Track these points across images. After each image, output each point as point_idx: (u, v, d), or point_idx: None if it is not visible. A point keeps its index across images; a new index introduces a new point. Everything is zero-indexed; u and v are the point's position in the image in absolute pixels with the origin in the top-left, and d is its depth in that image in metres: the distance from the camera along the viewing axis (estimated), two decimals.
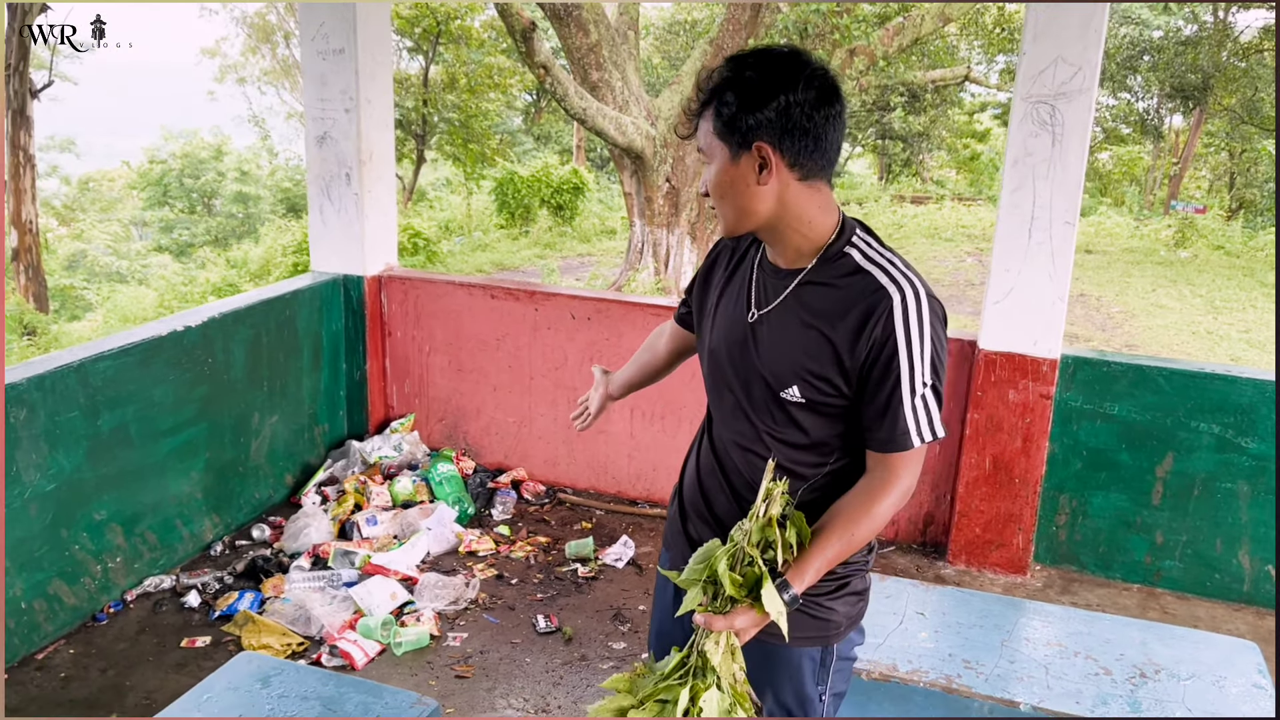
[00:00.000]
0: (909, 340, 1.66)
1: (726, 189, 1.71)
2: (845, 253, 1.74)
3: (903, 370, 1.67)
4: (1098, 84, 3.69)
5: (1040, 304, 3.89)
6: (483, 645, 3.64)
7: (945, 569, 4.25)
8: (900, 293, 1.67)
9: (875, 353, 1.67)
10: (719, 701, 1.64)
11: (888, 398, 1.68)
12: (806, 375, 1.72)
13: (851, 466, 1.81)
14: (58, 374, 3.52)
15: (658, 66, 22.78)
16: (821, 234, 1.75)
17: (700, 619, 1.65)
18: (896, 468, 1.74)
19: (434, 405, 5.06)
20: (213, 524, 4.27)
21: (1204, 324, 12.02)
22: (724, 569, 1.65)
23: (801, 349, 1.73)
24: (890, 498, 1.74)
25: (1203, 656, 2.71)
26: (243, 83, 26.33)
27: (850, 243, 1.75)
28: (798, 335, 1.74)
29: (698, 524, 1.95)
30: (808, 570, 1.69)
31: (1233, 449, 3.93)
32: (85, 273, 19.65)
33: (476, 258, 16.27)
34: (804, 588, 1.69)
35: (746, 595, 1.65)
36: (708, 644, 1.66)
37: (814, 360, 1.72)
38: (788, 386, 1.74)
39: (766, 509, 1.67)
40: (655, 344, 2.33)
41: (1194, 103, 20.77)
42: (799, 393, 1.73)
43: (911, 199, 22.73)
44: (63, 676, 3.38)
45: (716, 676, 1.66)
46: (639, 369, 2.36)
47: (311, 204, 4.87)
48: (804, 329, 1.73)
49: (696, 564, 1.71)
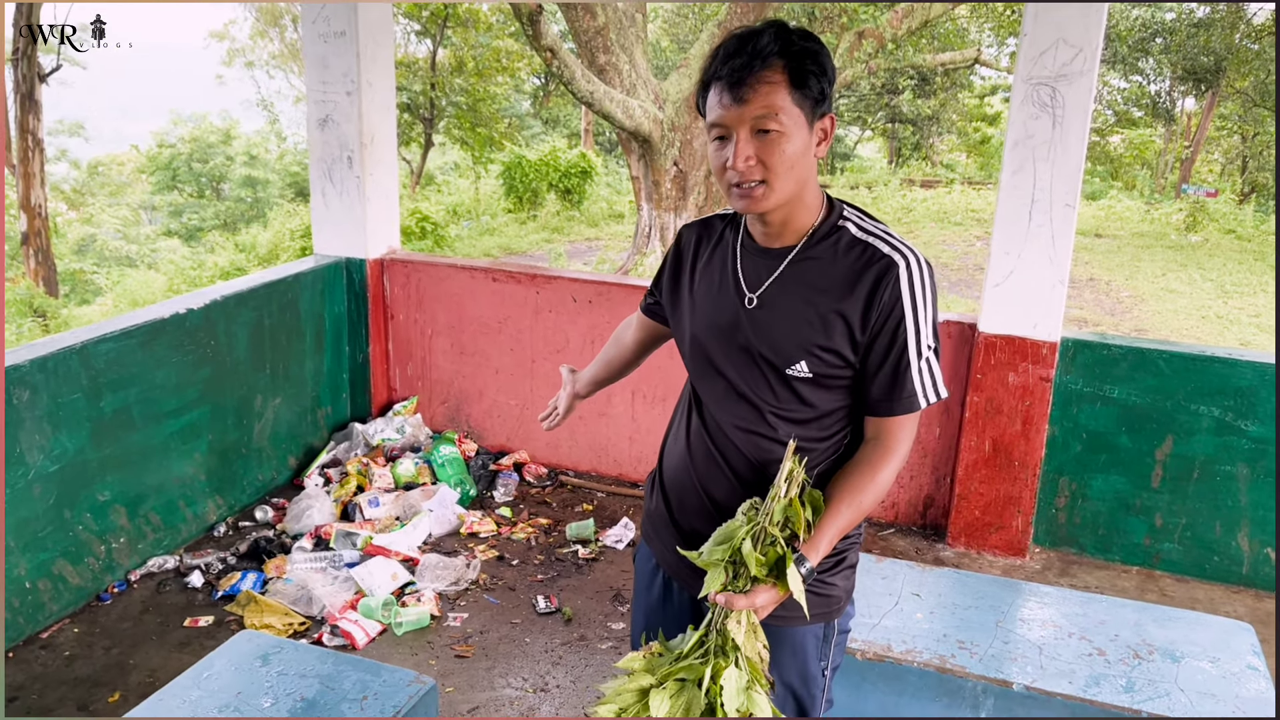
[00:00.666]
0: (915, 306, 1.70)
1: (799, 159, 1.66)
2: (840, 226, 1.77)
3: (909, 335, 1.71)
4: (1098, 66, 3.67)
5: (1040, 287, 3.88)
6: (483, 625, 3.67)
7: (944, 551, 4.26)
8: (905, 260, 1.71)
9: (883, 320, 1.70)
10: (737, 679, 1.66)
11: (896, 362, 1.72)
12: (815, 350, 1.73)
13: (854, 437, 1.84)
14: (60, 356, 3.55)
15: (666, 49, 22.71)
16: (816, 209, 1.78)
17: (721, 599, 1.65)
18: (897, 432, 1.77)
19: (436, 388, 5.09)
20: (216, 505, 4.31)
21: (1214, 308, 11.97)
22: (749, 549, 1.66)
23: (808, 324, 1.74)
24: (893, 463, 1.77)
25: (1197, 638, 2.71)
26: (251, 66, 26.37)
27: (843, 217, 1.78)
28: (802, 311, 1.74)
29: (689, 514, 1.93)
30: (821, 543, 1.71)
31: (1232, 432, 3.92)
32: (95, 257, 19.74)
33: (484, 242, 16.28)
34: (818, 561, 1.71)
35: (768, 574, 1.68)
36: (730, 623, 1.68)
37: (823, 334, 1.73)
38: (795, 363, 1.74)
39: (788, 489, 1.69)
40: (622, 337, 2.28)
41: (1206, 86, 20.63)
42: (807, 368, 1.74)
43: (921, 183, 22.64)
44: (67, 655, 3.42)
45: (737, 654, 1.68)
46: (606, 365, 2.33)
47: (314, 187, 4.88)
48: (808, 304, 1.74)
49: (717, 545, 1.72)
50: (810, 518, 1.72)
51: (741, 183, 1.67)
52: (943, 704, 2.58)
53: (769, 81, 1.62)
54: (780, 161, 1.65)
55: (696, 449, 1.91)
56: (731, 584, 1.68)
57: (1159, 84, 22.74)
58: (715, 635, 1.70)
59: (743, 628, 1.69)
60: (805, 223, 1.77)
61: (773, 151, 1.64)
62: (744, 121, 1.64)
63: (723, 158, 1.68)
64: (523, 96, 25.62)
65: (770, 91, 1.62)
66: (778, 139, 1.64)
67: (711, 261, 1.88)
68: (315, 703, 2.37)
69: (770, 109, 1.62)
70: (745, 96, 1.62)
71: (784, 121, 1.63)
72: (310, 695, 2.40)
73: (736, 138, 1.64)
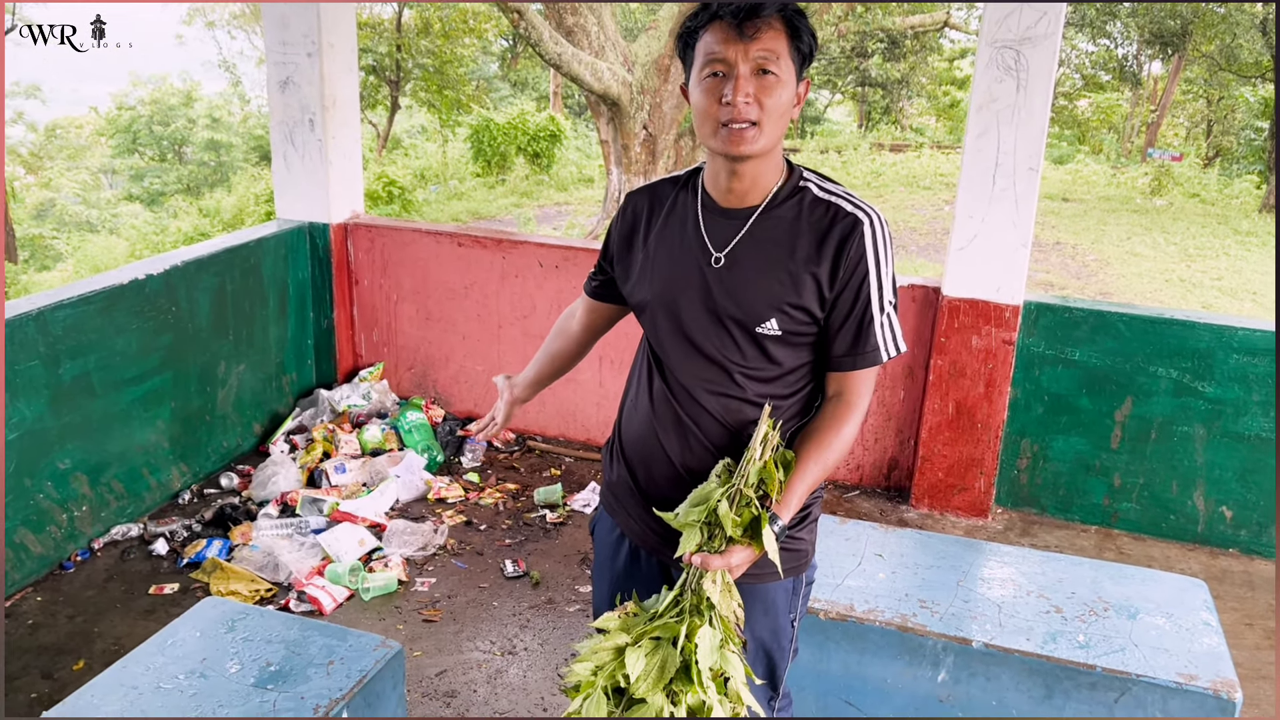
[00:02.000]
0: (878, 262, 1.75)
1: (785, 108, 1.71)
2: (803, 187, 1.80)
3: (873, 291, 1.76)
4: (1063, 29, 3.68)
5: (1003, 250, 3.91)
6: (450, 590, 3.68)
7: (908, 513, 4.31)
8: (868, 218, 1.75)
9: (848, 276, 1.74)
10: (711, 638, 1.69)
11: (860, 317, 1.77)
12: (785, 307, 1.75)
13: (813, 393, 1.88)
14: (16, 322, 3.49)
15: (635, 11, 22.46)
16: (780, 169, 1.80)
17: (697, 559, 1.68)
18: (859, 387, 1.82)
19: (403, 354, 5.06)
20: (180, 473, 4.28)
21: (1178, 272, 12.12)
22: (725, 511, 1.69)
23: (777, 282, 1.75)
24: (855, 418, 1.81)
25: (1151, 594, 2.77)
26: (212, 26, 25.83)
27: (803, 178, 1.81)
28: (769, 269, 1.76)
29: (656, 480, 1.92)
30: (792, 500, 1.74)
31: (1190, 393, 3.99)
32: (54, 222, 19.38)
33: (452, 206, 16.14)
34: (789, 518, 1.74)
35: (742, 535, 1.71)
36: (705, 583, 1.71)
37: (793, 291, 1.75)
38: (764, 321, 1.76)
39: (763, 451, 1.72)
40: (566, 328, 2.24)
41: (1173, 49, 20.72)
42: (776, 325, 1.76)
43: (890, 147, 22.66)
44: (30, 624, 3.40)
45: (711, 613, 1.71)
46: (550, 360, 2.28)
47: (275, 150, 4.81)
48: (776, 263, 1.76)
49: (693, 507, 1.74)
50: (783, 478, 1.75)
51: (734, 121, 1.68)
52: (904, 662, 2.62)
53: (773, 27, 1.67)
54: (775, 105, 1.69)
55: (662, 415, 1.89)
56: (707, 544, 1.71)
57: (1126, 48, 22.83)
58: (690, 595, 1.73)
59: (718, 587, 1.72)
60: (770, 182, 1.79)
61: (770, 93, 1.68)
62: (748, 58, 1.67)
63: (718, 93, 1.69)
64: (490, 59, 25.32)
65: (774, 36, 1.67)
66: (775, 83, 1.68)
67: (669, 224, 1.87)
68: (281, 668, 2.37)
69: (774, 51, 1.67)
70: (752, 34, 1.66)
71: (782, 67, 1.68)
72: (276, 661, 2.40)
73: (737, 74, 1.66)
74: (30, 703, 3.02)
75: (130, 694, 2.28)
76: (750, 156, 1.72)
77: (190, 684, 2.31)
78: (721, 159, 1.76)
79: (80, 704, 2.25)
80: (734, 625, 1.74)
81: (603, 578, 2.11)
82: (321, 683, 2.33)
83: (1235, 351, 3.91)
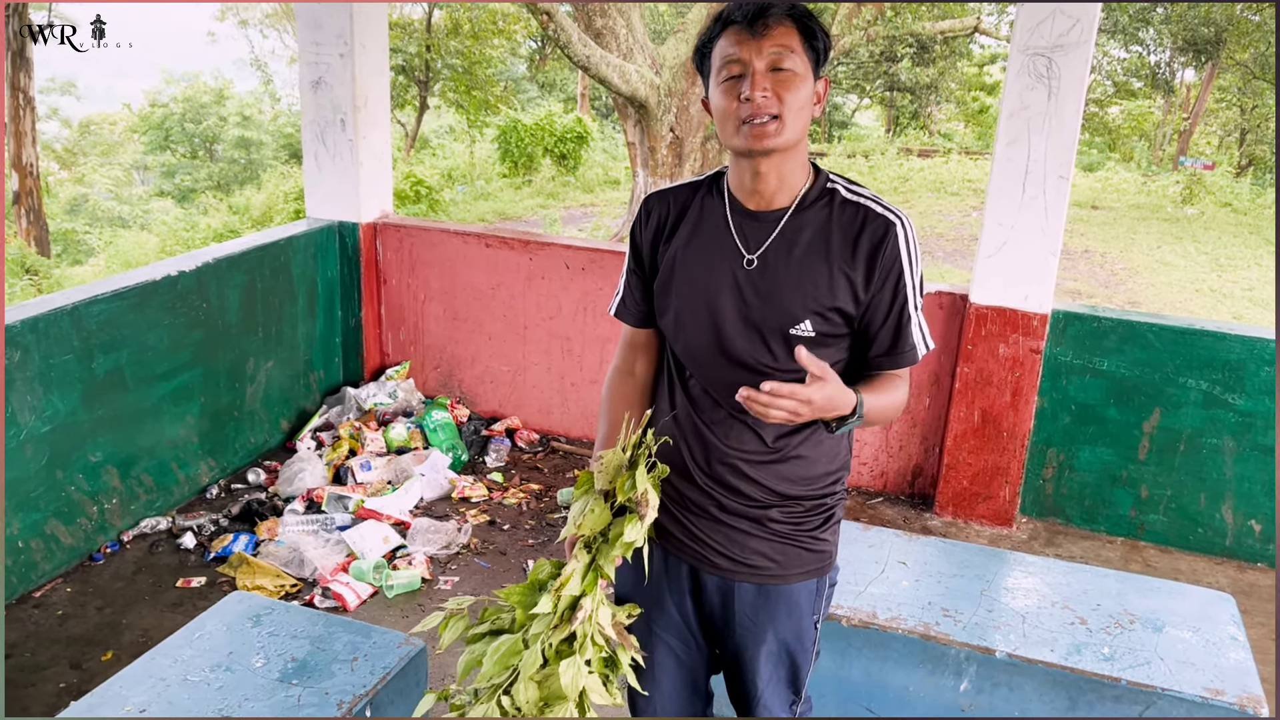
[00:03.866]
0: (910, 264, 1.78)
1: (804, 103, 1.73)
2: (830, 188, 1.81)
3: (908, 292, 1.79)
4: (1097, 36, 3.65)
5: (1032, 258, 3.89)
6: (473, 589, 3.70)
7: (932, 520, 4.29)
8: (899, 220, 1.77)
9: (884, 278, 1.77)
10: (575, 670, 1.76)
11: (898, 319, 1.79)
12: (820, 309, 1.76)
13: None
14: (52, 316, 3.54)
15: (663, 14, 22.49)
16: (807, 171, 1.82)
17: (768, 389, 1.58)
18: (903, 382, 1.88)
19: (429, 353, 5.09)
20: (208, 467, 4.32)
21: (1208, 282, 11.99)
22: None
23: (812, 284, 1.76)
24: (905, 396, 1.87)
25: (1178, 608, 2.75)
26: (245, 25, 26.06)
27: (830, 179, 1.83)
28: (803, 271, 1.77)
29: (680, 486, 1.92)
30: (869, 400, 1.73)
31: (1220, 405, 3.95)
32: (87, 217, 19.62)
33: (479, 206, 16.21)
34: (865, 409, 1.72)
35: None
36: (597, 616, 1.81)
37: (828, 294, 1.76)
38: (799, 322, 1.77)
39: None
40: (623, 391, 2.06)
41: (1206, 57, 20.50)
42: (811, 327, 1.77)
43: (918, 152, 22.53)
44: (60, 614, 3.45)
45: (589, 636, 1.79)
46: (615, 426, 2.03)
47: (306, 150, 4.85)
48: (808, 265, 1.77)
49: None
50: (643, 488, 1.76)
51: (754, 117, 1.70)
52: (926, 670, 2.61)
53: (784, 25, 1.71)
54: (794, 99, 1.70)
55: (684, 420, 1.90)
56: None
57: (1159, 55, 22.60)
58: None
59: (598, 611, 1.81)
60: (798, 183, 1.80)
61: (787, 87, 1.70)
62: (762, 55, 1.70)
63: (736, 92, 1.72)
64: (519, 60, 25.39)
65: (786, 33, 1.71)
66: (791, 77, 1.70)
67: (698, 229, 1.87)
68: (306, 663, 2.40)
69: (787, 47, 1.70)
70: (763, 33, 1.70)
71: (797, 63, 1.71)
72: (301, 656, 2.43)
73: (753, 71, 1.70)
74: (59, 692, 3.06)
75: (158, 685, 2.31)
76: (773, 151, 1.73)
77: (216, 677, 2.34)
78: (746, 161, 1.77)
79: (109, 694, 2.28)
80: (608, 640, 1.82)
81: (627, 577, 2.08)
82: (345, 679, 2.36)
83: (1267, 364, 3.86)
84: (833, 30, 11.68)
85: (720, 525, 1.89)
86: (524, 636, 1.81)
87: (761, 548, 1.88)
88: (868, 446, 4.49)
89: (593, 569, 1.79)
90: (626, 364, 2.06)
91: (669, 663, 2.01)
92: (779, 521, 1.87)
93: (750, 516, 1.87)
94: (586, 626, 1.77)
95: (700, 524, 1.90)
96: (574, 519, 1.82)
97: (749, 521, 1.87)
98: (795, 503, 1.87)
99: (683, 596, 1.97)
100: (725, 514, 1.88)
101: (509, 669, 1.80)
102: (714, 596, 1.94)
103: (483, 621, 1.91)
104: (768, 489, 1.85)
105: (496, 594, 1.88)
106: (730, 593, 1.91)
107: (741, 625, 1.92)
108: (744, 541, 1.88)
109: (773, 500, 1.86)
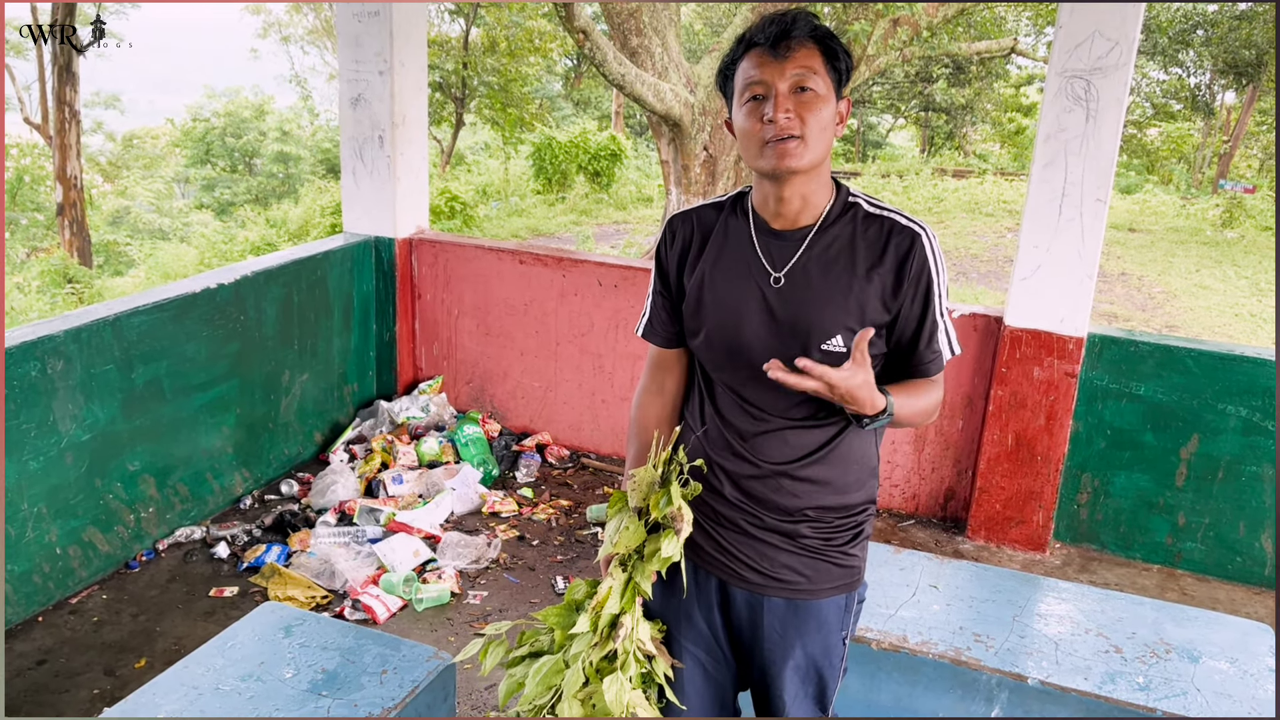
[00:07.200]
0: (937, 273, 1.81)
1: (827, 123, 1.75)
2: (852, 203, 1.84)
3: (935, 300, 1.81)
4: (1135, 59, 3.63)
5: (1068, 282, 3.86)
6: (502, 604, 3.71)
7: (964, 544, 4.25)
8: (923, 230, 1.80)
9: (913, 289, 1.79)
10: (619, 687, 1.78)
11: (930, 327, 1.82)
12: (853, 324, 1.78)
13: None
14: (93, 327, 3.61)
15: (699, 33, 22.58)
16: (830, 188, 1.84)
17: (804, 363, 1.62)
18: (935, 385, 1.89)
19: (462, 368, 5.12)
20: (243, 478, 4.37)
21: (1248, 306, 11.81)
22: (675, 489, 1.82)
23: (842, 299, 1.78)
24: (939, 398, 1.88)
25: (1215, 638, 2.70)
26: (286, 41, 26.43)
27: (852, 194, 1.85)
28: (832, 287, 1.78)
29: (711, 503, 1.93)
30: (900, 399, 1.78)
31: (1259, 432, 3.89)
32: (129, 229, 19.95)
33: (513, 223, 16.31)
34: (895, 410, 1.76)
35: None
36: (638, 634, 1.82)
37: (858, 308, 1.78)
38: (830, 337, 1.78)
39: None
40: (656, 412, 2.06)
41: (1247, 79, 20.25)
42: (842, 342, 1.78)
43: (953, 173, 22.41)
44: (95, 620, 3.49)
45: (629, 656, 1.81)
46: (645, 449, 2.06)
47: (344, 165, 4.92)
48: (836, 281, 1.78)
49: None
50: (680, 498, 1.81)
51: (777, 137, 1.72)
52: (956, 696, 2.59)
53: (806, 46, 1.73)
54: (816, 120, 1.72)
55: (714, 438, 1.91)
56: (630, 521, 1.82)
57: (1199, 77, 22.36)
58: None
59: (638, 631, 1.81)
60: (822, 201, 1.82)
61: (810, 109, 1.72)
62: (784, 77, 1.72)
63: (759, 114, 1.74)
64: (554, 78, 25.57)
65: (808, 54, 1.73)
66: (814, 99, 1.72)
67: (724, 249, 1.88)
68: (336, 675, 2.41)
69: (809, 68, 1.72)
70: (786, 54, 1.72)
71: (819, 84, 1.73)
72: (331, 667, 2.44)
73: (776, 92, 1.71)
74: (92, 699, 3.10)
75: (190, 694, 2.33)
76: (797, 171, 1.74)
77: (248, 687, 2.36)
78: (769, 181, 1.79)
79: (141, 702, 2.31)
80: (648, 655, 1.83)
81: (655, 593, 2.08)
82: (374, 691, 2.37)
83: None
84: (868, 51, 11.67)
85: (750, 539, 1.89)
86: (564, 657, 1.81)
87: (791, 562, 1.88)
88: (899, 469, 4.46)
89: (630, 586, 1.80)
90: (655, 383, 2.06)
91: (697, 676, 2.01)
92: (809, 536, 1.88)
93: (781, 531, 1.88)
94: (628, 644, 1.78)
95: (730, 538, 1.91)
96: (610, 537, 1.83)
97: (779, 536, 1.88)
98: (826, 516, 1.87)
99: (711, 610, 1.97)
100: (755, 528, 1.89)
101: (551, 689, 1.80)
102: (743, 611, 1.94)
103: (521, 644, 1.92)
104: (798, 503, 1.86)
105: (534, 615, 1.89)
106: (759, 607, 1.91)
107: (770, 640, 1.92)
108: (774, 556, 1.88)
109: (803, 515, 1.86)
